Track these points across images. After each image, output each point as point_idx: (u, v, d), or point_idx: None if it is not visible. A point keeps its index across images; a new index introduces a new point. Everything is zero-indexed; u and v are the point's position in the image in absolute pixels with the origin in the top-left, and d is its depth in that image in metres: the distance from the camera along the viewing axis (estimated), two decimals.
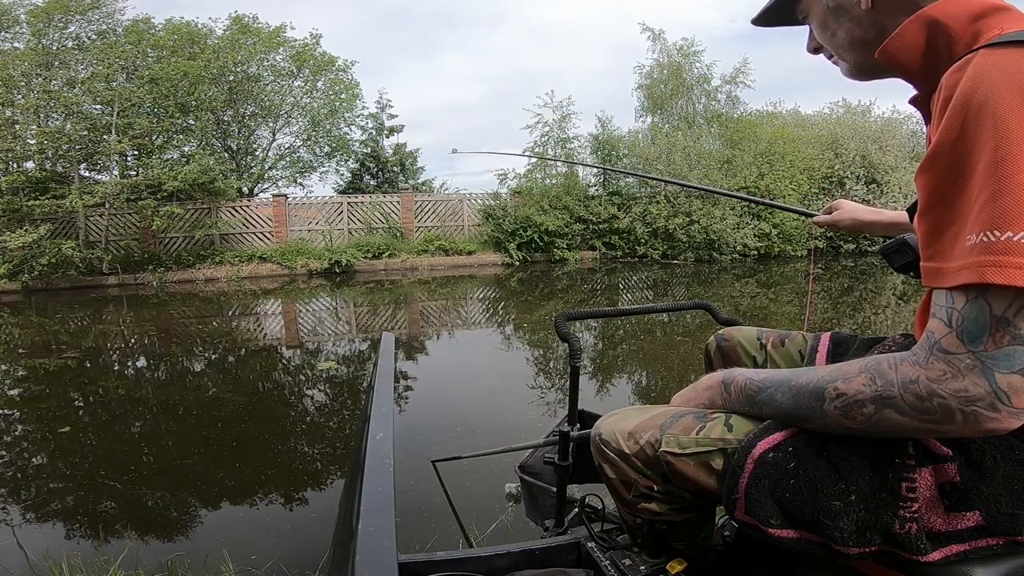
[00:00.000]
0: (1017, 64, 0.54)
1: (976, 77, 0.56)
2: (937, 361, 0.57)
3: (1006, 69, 0.54)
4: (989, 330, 0.54)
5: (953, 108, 0.57)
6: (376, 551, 0.56)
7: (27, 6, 12.99)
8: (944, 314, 0.57)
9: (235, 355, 6.28)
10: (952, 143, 0.57)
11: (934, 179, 0.59)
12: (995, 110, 0.53)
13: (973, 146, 0.55)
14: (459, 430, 3.59)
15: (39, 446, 3.75)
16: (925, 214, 0.61)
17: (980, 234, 0.53)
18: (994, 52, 0.57)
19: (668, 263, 13.68)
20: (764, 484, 0.71)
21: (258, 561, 2.17)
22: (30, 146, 11.77)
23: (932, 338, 0.58)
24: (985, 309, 0.54)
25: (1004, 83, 0.54)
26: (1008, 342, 0.53)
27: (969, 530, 0.65)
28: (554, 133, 14.98)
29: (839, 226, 1.30)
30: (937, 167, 0.59)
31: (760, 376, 0.77)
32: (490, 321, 8.18)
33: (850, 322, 6.98)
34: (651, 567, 0.98)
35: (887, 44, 0.69)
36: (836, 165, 14.98)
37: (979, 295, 0.54)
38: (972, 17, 0.63)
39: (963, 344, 0.55)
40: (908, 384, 0.59)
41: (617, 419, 0.90)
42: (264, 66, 14.84)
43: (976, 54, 0.58)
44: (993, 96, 0.54)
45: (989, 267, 0.52)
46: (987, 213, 0.53)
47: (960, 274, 0.55)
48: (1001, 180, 0.52)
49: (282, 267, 12.63)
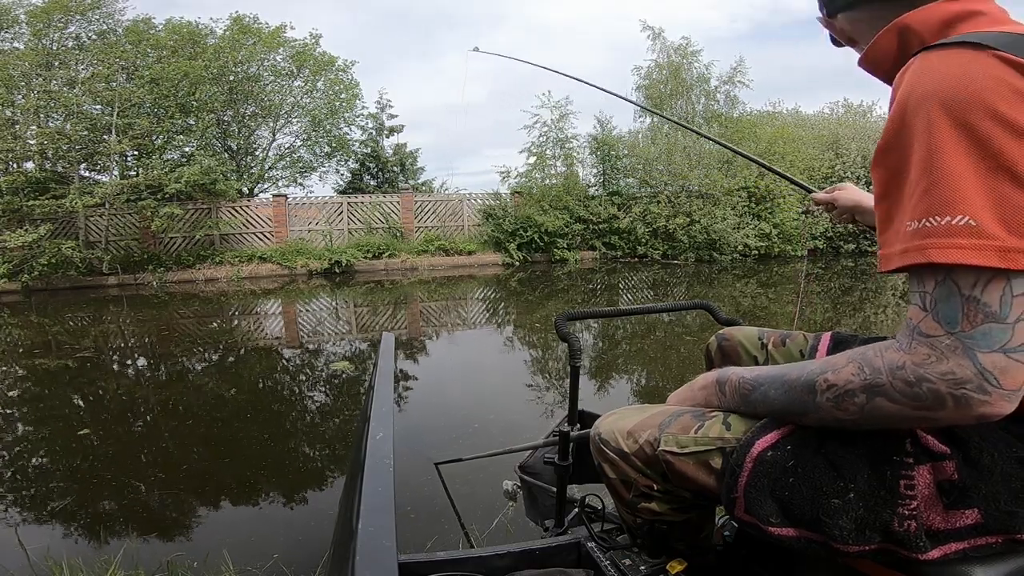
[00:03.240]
0: (947, 64, 0.58)
1: (913, 77, 0.60)
2: (920, 345, 0.58)
3: (938, 69, 0.58)
4: (962, 310, 0.55)
5: (895, 106, 0.61)
6: (376, 551, 0.56)
7: (27, 6, 13.00)
8: (918, 299, 0.59)
9: (235, 355, 6.29)
10: (894, 139, 0.61)
11: (883, 172, 0.63)
12: (927, 107, 0.57)
13: (911, 141, 0.58)
14: (459, 430, 3.59)
15: (39, 446, 3.75)
16: (878, 204, 0.64)
17: (921, 220, 0.57)
18: (931, 54, 0.60)
19: (668, 263, 13.68)
20: (763, 483, 0.71)
21: (258, 561, 2.17)
22: (30, 146, 11.78)
23: (911, 323, 0.60)
24: (953, 289, 0.56)
25: (935, 82, 0.57)
26: (982, 320, 0.55)
27: (968, 528, 0.65)
28: (552, 133, 15.01)
29: (837, 203, 1.27)
30: (884, 161, 0.63)
31: (753, 374, 0.78)
32: (490, 321, 8.18)
33: (850, 322, 6.99)
34: (651, 567, 0.98)
35: (867, 51, 0.74)
36: (837, 165, 14.98)
37: (946, 276, 0.56)
38: (944, 23, 0.66)
39: (940, 326, 0.57)
40: (895, 370, 0.59)
41: (616, 418, 0.91)
42: (264, 66, 14.84)
43: (917, 56, 0.62)
44: (925, 94, 0.57)
45: (931, 248, 0.56)
46: (926, 201, 0.56)
47: (905, 255, 0.58)
48: (935, 171, 0.56)
49: (282, 267, 12.64)
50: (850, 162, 14.93)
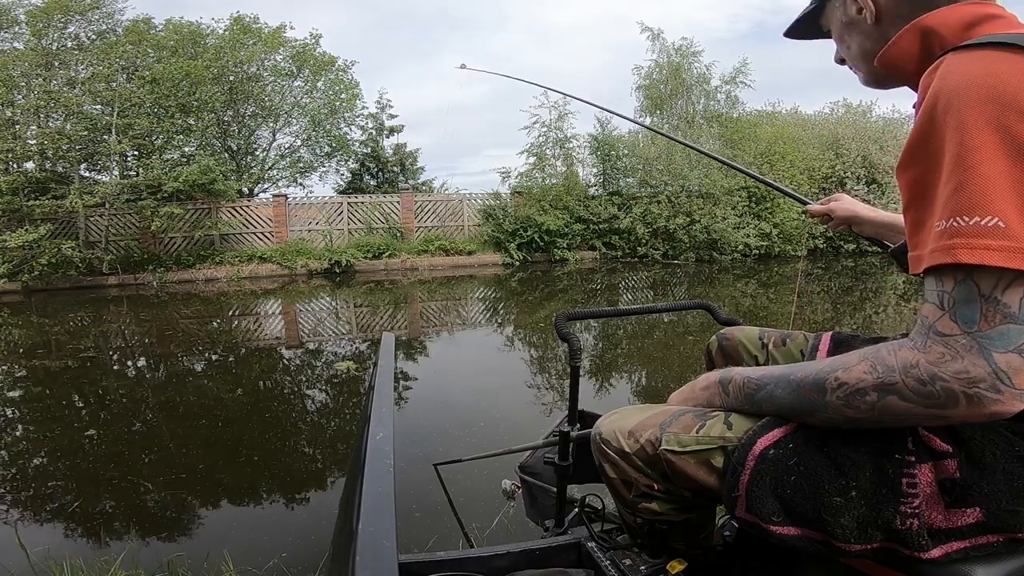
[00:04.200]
0: (979, 64, 0.58)
1: (942, 77, 0.60)
2: (935, 344, 0.58)
3: (969, 69, 0.58)
4: (980, 310, 0.55)
5: (924, 107, 0.61)
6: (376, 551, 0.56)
7: (27, 6, 12.99)
8: (936, 297, 0.59)
9: (235, 355, 6.28)
10: (923, 140, 0.61)
11: (911, 175, 0.63)
12: (958, 108, 0.57)
13: (941, 142, 0.58)
14: (460, 430, 3.59)
15: (39, 446, 3.75)
16: (908, 209, 0.64)
17: (949, 220, 0.56)
18: (961, 54, 0.60)
19: (669, 263, 13.67)
20: (765, 481, 0.71)
21: (258, 561, 2.17)
22: (30, 146, 11.77)
23: (927, 322, 0.59)
24: (973, 289, 0.56)
25: (966, 82, 0.57)
26: (1000, 321, 0.55)
27: (969, 527, 0.65)
28: (552, 133, 15.00)
29: (834, 215, 1.28)
30: (913, 164, 0.62)
31: (758, 373, 0.77)
32: (490, 321, 8.18)
33: (851, 322, 6.99)
34: (651, 567, 0.98)
35: (885, 51, 0.74)
36: (837, 165, 14.98)
37: (966, 276, 0.56)
38: (965, 25, 0.66)
39: (957, 325, 0.57)
40: (909, 369, 0.59)
41: (617, 418, 0.90)
42: (264, 66, 14.84)
43: (946, 56, 0.62)
44: (956, 95, 0.57)
45: (960, 248, 0.55)
46: (955, 201, 0.56)
47: (933, 255, 0.58)
48: (966, 171, 0.55)
49: (282, 267, 12.63)
50: (850, 162, 14.91)
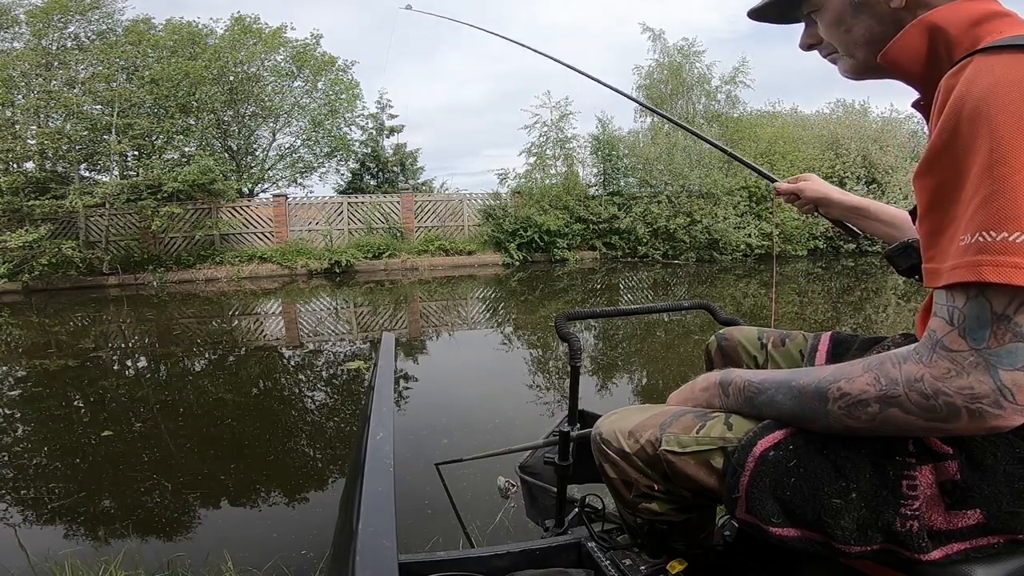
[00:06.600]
0: (1011, 68, 0.55)
1: (971, 81, 0.57)
2: (941, 359, 0.57)
3: (1000, 73, 0.55)
4: (991, 327, 0.54)
5: (948, 112, 0.57)
6: (376, 551, 0.56)
7: (27, 6, 12.99)
8: (945, 312, 0.58)
9: (235, 355, 6.28)
10: (947, 146, 0.57)
11: (931, 182, 0.60)
12: (989, 113, 0.54)
13: (968, 149, 0.55)
14: (459, 431, 3.59)
15: (39, 446, 3.75)
16: (925, 217, 0.62)
17: (976, 234, 0.54)
18: (989, 57, 0.57)
19: (669, 263, 13.67)
20: (765, 482, 0.71)
21: (258, 561, 2.17)
22: (30, 146, 11.76)
23: (935, 336, 0.58)
24: (986, 307, 0.54)
25: (997, 87, 0.54)
26: (1010, 339, 0.54)
27: (970, 528, 0.64)
28: (552, 133, 15.00)
29: (802, 194, 1.25)
30: (934, 170, 0.60)
31: (759, 377, 0.77)
32: (491, 321, 8.18)
33: (850, 322, 6.98)
34: (651, 567, 0.98)
35: (889, 48, 0.70)
36: (837, 165, 14.97)
37: (979, 293, 0.55)
38: (972, 23, 0.64)
39: (966, 341, 0.56)
40: (913, 383, 0.59)
41: (617, 418, 0.90)
42: (265, 66, 14.83)
43: (972, 58, 0.59)
44: (987, 100, 0.54)
45: (986, 266, 0.53)
46: (982, 214, 0.53)
47: (955, 272, 0.56)
48: (996, 182, 0.53)
49: (282, 267, 12.63)
50: (850, 162, 14.91)
